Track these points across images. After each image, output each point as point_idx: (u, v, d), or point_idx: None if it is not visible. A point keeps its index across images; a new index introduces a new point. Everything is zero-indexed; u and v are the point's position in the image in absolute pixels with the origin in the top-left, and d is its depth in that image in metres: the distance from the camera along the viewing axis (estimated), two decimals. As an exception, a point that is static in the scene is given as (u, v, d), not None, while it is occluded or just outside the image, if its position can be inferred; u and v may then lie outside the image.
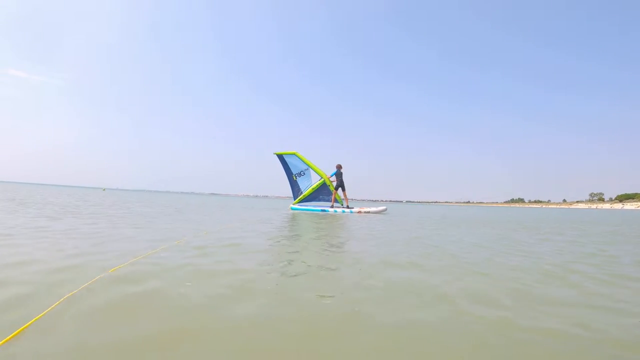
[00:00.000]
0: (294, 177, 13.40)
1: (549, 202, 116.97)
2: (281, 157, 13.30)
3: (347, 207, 12.43)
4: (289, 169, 13.37)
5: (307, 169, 13.27)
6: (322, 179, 13.00)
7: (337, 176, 12.85)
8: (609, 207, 73.51)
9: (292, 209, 13.08)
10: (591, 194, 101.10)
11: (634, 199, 79.96)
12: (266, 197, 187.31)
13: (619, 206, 74.97)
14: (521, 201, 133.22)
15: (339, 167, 12.89)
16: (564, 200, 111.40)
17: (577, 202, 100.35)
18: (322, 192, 13.13)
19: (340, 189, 12.82)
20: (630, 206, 71.52)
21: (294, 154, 13.21)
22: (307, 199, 13.22)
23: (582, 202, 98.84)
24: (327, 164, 13.49)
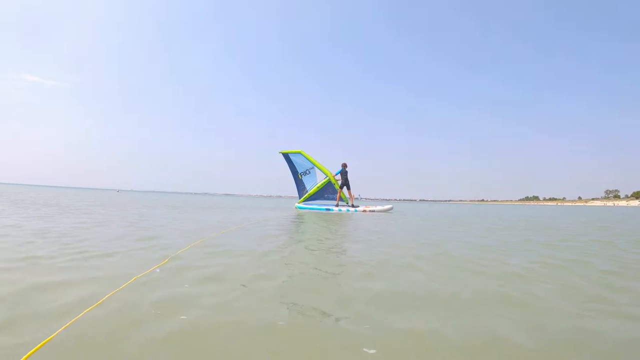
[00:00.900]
0: (299, 176, 13.45)
1: (564, 199, 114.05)
2: (287, 155, 13.37)
3: (352, 206, 12.38)
4: (295, 167, 13.42)
5: (313, 168, 13.29)
6: (327, 178, 12.99)
7: (342, 175, 12.80)
8: (625, 204, 70.76)
9: (297, 207, 13.13)
10: (606, 191, 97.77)
11: (651, 196, 76.93)
12: (280, 197, 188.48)
13: (635, 203, 72.12)
14: (536, 199, 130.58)
15: (344, 166, 12.84)
16: (579, 197, 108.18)
17: (593, 199, 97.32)
18: (327, 191, 13.12)
19: (345, 187, 12.78)
20: (650, 203, 68.78)
21: (300, 153, 13.25)
22: (312, 198, 13.24)
23: (597, 199, 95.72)
24: (337, 163, 13.41)
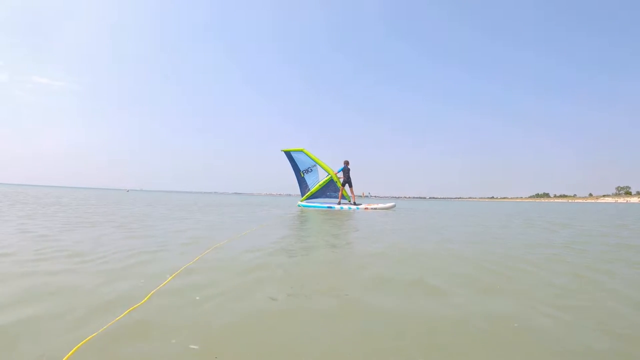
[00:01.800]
0: (301, 174, 13.35)
1: (575, 196, 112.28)
2: (288, 153, 13.27)
3: (354, 204, 12.24)
4: (297, 165, 13.32)
5: (315, 166, 13.17)
6: (329, 176, 12.86)
7: (345, 172, 12.65)
8: (638, 201, 68.58)
9: (299, 205, 13.04)
10: (617, 188, 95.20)
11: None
12: (289, 195, 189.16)
13: (647, 199, 70.05)
14: (546, 196, 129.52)
15: (346, 163, 12.69)
16: (590, 194, 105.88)
17: (604, 196, 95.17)
18: (329, 189, 13.00)
19: (347, 185, 12.64)
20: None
21: (302, 151, 13.13)
22: (314, 196, 13.13)
23: (609, 195, 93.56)
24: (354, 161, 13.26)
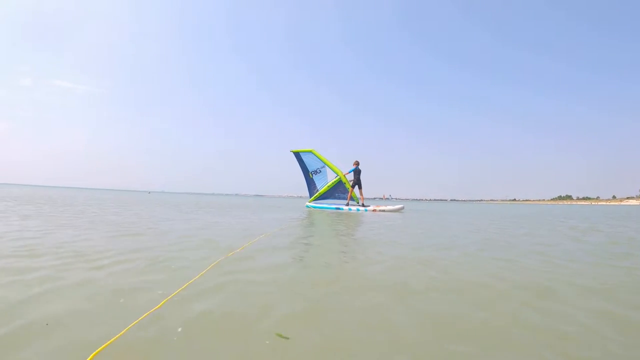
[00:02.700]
0: (310, 175, 13.38)
1: (598, 198, 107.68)
2: (298, 154, 13.33)
3: (362, 205, 12.14)
4: (305, 166, 13.36)
5: (324, 167, 13.17)
6: (338, 177, 12.82)
7: (355, 173, 12.57)
8: None
9: (307, 206, 13.08)
10: None
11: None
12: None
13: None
14: (569, 198, 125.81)
15: (357, 164, 12.61)
16: (614, 196, 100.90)
17: (628, 198, 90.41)
18: (337, 190, 12.97)
19: (357, 186, 12.55)
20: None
21: (311, 152, 13.17)
22: (322, 197, 13.13)
23: (632, 198, 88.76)
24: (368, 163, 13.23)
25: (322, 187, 13.16)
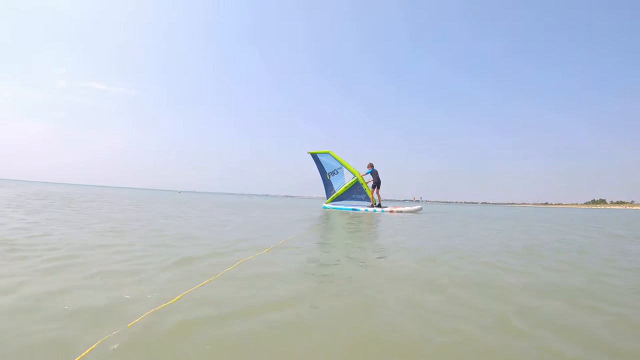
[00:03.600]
0: (327, 176, 13.42)
1: (633, 202, 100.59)
2: (315, 156, 13.43)
3: (379, 206, 12.03)
4: (323, 167, 13.42)
5: (341, 168, 13.18)
6: (355, 178, 12.78)
7: (374, 174, 12.48)
8: None
9: (324, 207, 13.13)
10: None
11: None
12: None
13: None
14: (602, 202, 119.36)
15: (372, 166, 12.52)
16: None
17: None
18: (354, 191, 12.92)
19: (375, 187, 12.45)
20: None
21: (328, 153, 13.23)
22: (339, 198, 13.13)
23: None
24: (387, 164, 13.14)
25: (339, 188, 13.17)
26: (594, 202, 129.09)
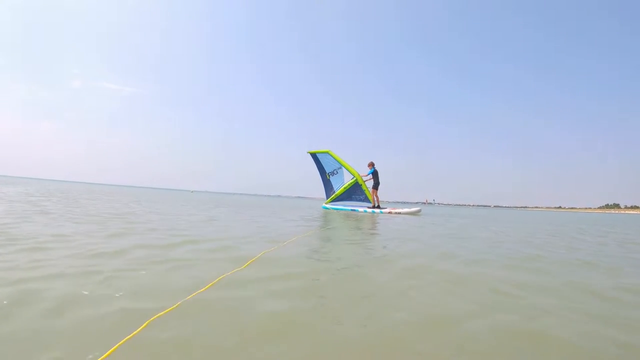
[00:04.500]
0: (327, 176, 13.27)
1: None
2: (314, 155, 13.30)
3: (378, 207, 11.81)
4: (323, 167, 13.28)
5: (340, 168, 13.00)
6: (354, 178, 12.59)
7: (375, 175, 12.28)
8: None
9: (323, 207, 12.99)
10: None
11: None
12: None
13: None
14: (616, 207, 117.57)
15: (373, 165, 12.30)
16: None
17: None
18: (354, 192, 12.72)
19: (374, 188, 12.24)
20: None
21: (327, 153, 13.08)
22: (339, 198, 12.96)
23: None
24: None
25: (338, 188, 13.00)
26: (607, 206, 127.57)
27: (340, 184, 13.01)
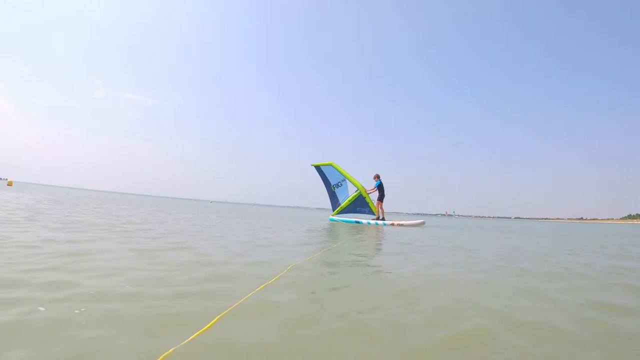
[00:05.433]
0: (332, 188, 13.31)
1: None
2: (318, 168, 13.39)
3: (382, 219, 11.74)
4: (327, 179, 13.34)
5: (344, 180, 13.03)
6: (358, 191, 12.59)
7: (380, 187, 12.28)
8: None
9: (330, 219, 13.01)
10: None
11: None
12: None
13: None
14: (639, 217, 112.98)
15: (378, 178, 12.32)
16: None
17: None
18: (359, 204, 12.71)
19: (378, 200, 12.21)
20: None
21: (331, 165, 13.15)
22: (344, 211, 12.94)
23: None
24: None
25: (343, 200, 13.02)
26: (630, 217, 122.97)
27: (345, 196, 13.02)
